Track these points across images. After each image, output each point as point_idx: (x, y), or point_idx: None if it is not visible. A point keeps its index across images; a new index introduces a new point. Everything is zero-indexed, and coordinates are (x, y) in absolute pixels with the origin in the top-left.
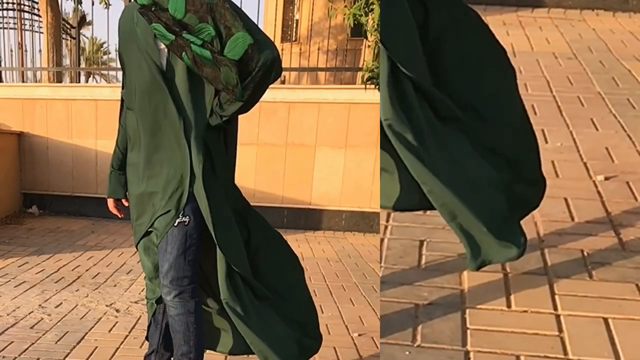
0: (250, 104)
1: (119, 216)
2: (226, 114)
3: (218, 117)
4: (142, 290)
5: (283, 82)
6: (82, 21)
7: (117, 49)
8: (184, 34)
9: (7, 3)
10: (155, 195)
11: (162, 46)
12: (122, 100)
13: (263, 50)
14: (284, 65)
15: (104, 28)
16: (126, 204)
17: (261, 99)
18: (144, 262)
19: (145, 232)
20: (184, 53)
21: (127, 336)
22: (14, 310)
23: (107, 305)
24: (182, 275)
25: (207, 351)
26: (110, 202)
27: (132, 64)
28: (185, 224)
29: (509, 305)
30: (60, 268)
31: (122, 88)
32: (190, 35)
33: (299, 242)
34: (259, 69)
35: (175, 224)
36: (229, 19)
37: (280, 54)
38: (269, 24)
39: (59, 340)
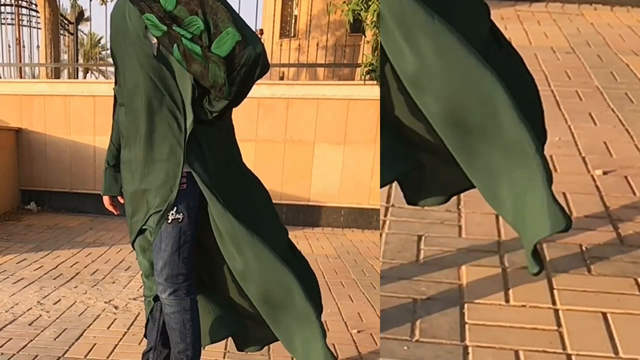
0: (238, 100)
1: (115, 213)
2: (215, 110)
3: (208, 113)
4: (140, 287)
5: (282, 78)
6: (80, 17)
7: (110, 44)
8: (174, 26)
9: None
10: (148, 192)
11: (154, 40)
12: (115, 96)
13: (247, 46)
14: (282, 61)
15: (102, 24)
16: (122, 200)
17: (259, 95)
18: (141, 260)
19: (141, 230)
20: (175, 46)
21: (125, 333)
22: (12, 307)
23: (105, 302)
24: (177, 273)
25: (205, 348)
26: (106, 200)
27: (124, 59)
28: (179, 221)
29: (507, 300)
30: (58, 265)
31: (115, 84)
32: (179, 28)
33: (297, 239)
34: (242, 65)
35: (169, 221)
36: (220, 14)
37: (264, 49)
38: (268, 20)
39: (57, 337)
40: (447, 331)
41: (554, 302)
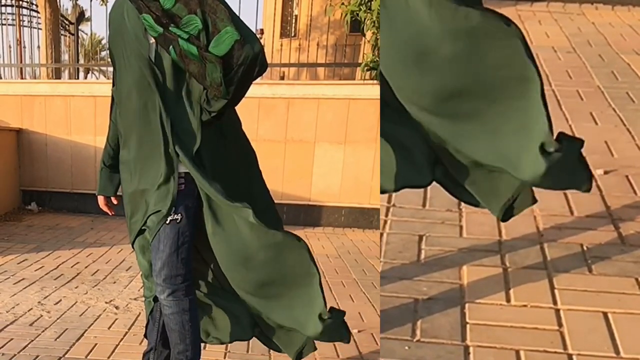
0: (236, 100)
1: (110, 213)
2: (214, 110)
3: (207, 113)
4: (141, 287)
5: (282, 78)
6: (81, 17)
7: (108, 44)
8: (171, 27)
9: None
10: (147, 192)
11: (152, 40)
12: (112, 96)
13: (245, 45)
14: (283, 60)
15: (103, 24)
16: (115, 201)
17: (260, 95)
18: (140, 261)
19: (140, 230)
20: (171, 47)
21: (126, 333)
22: (13, 308)
23: (106, 302)
24: (176, 274)
25: (206, 348)
26: (101, 200)
27: (122, 59)
28: (178, 221)
29: (508, 300)
30: (59, 265)
31: (113, 84)
32: (176, 28)
33: None
34: (240, 64)
35: (167, 222)
36: (219, 13)
37: (262, 48)
38: (268, 20)
39: (58, 338)
40: (448, 331)
41: (555, 302)
